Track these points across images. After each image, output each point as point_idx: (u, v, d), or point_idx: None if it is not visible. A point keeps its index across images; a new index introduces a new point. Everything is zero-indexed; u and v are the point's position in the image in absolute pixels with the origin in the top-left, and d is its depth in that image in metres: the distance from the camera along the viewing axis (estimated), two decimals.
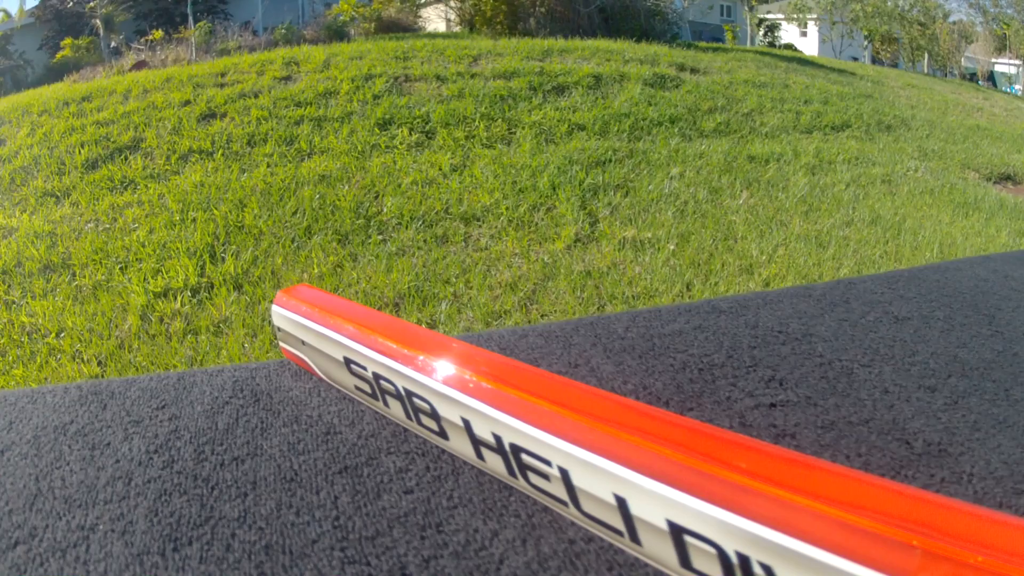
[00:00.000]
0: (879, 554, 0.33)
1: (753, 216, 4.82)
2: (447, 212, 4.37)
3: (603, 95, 7.34)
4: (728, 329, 0.83)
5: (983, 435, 0.65)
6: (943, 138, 9.02)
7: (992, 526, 0.33)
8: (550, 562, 0.43)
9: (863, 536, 0.34)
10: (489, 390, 0.48)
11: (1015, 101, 17.13)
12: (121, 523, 0.48)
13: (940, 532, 0.33)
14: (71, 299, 3.51)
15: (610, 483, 0.41)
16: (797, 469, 0.38)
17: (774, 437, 0.61)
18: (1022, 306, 1.01)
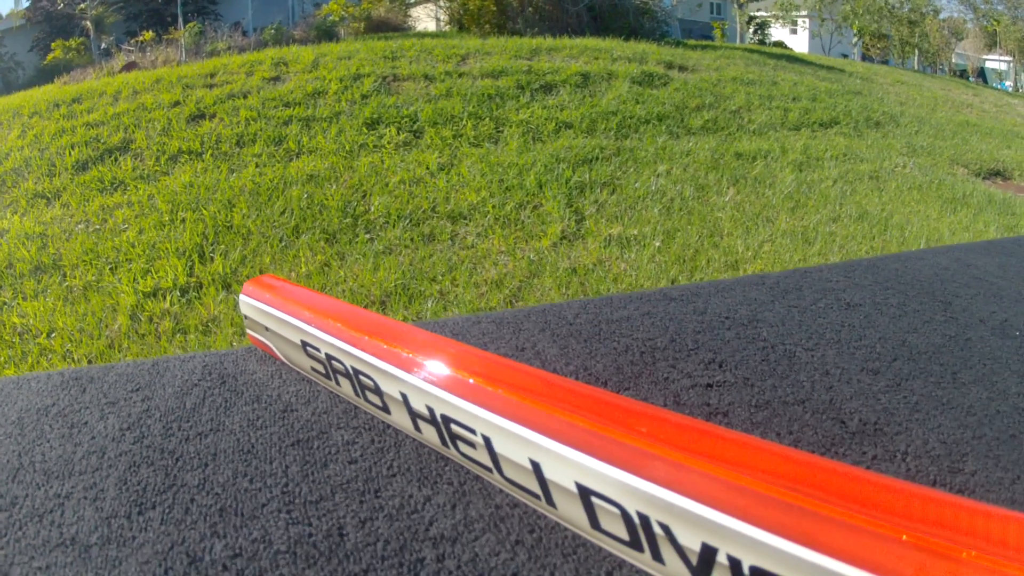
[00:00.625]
0: (766, 513, 0.37)
1: (739, 213, 4.86)
2: (434, 211, 4.41)
3: (591, 93, 7.38)
4: (676, 315, 0.87)
5: (923, 416, 0.69)
6: (932, 134, 9.09)
7: (870, 487, 0.37)
8: (475, 524, 0.48)
9: (752, 497, 0.37)
10: (423, 365, 0.53)
11: (1005, 97, 17.23)
12: (93, 491, 0.53)
13: (825, 492, 0.37)
14: (62, 300, 3.53)
15: (526, 449, 0.45)
16: (693, 434, 0.42)
17: (707, 415, 0.66)
18: (981, 293, 1.05)
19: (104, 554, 0.45)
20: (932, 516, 0.33)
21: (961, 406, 0.72)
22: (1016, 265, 1.26)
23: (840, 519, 0.35)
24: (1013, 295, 1.09)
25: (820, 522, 0.35)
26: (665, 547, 0.40)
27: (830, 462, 0.40)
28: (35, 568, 0.46)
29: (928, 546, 0.31)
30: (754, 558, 0.36)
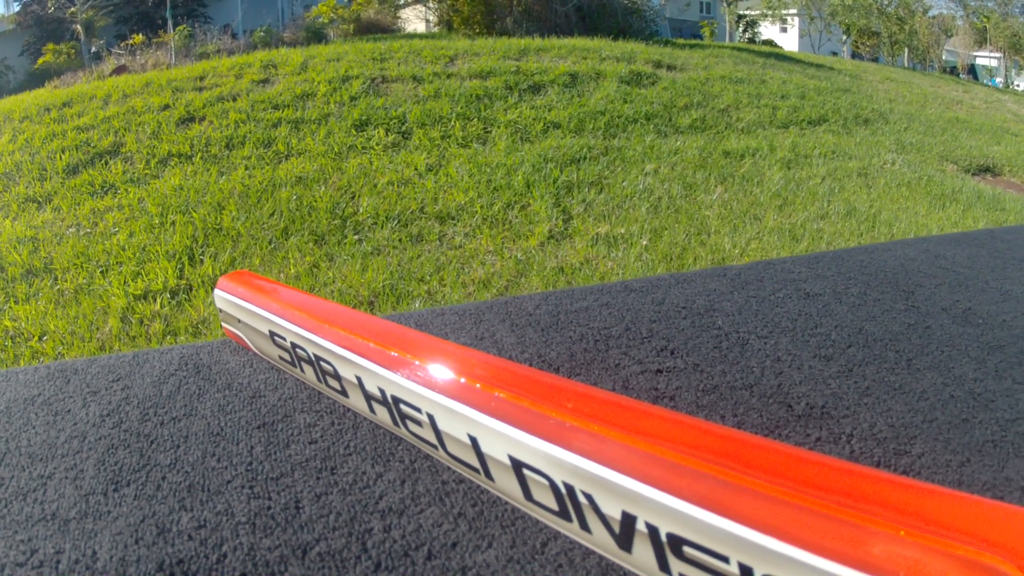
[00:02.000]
0: (681, 482, 0.41)
1: (727, 211, 4.90)
2: (422, 211, 4.45)
3: (579, 93, 7.43)
4: (634, 306, 0.92)
5: (873, 400, 0.73)
6: (921, 131, 9.14)
7: (788, 459, 0.41)
8: (422, 499, 0.53)
9: (667, 467, 0.41)
10: (375, 350, 0.58)
11: (995, 93, 17.31)
12: (73, 472, 0.58)
13: (740, 463, 0.41)
14: (53, 303, 3.56)
15: (465, 425, 0.50)
16: (616, 409, 0.46)
17: (654, 399, 0.70)
18: (946, 283, 1.09)
19: (81, 527, 0.50)
20: (847, 487, 0.37)
21: (914, 391, 0.76)
22: (986, 256, 1.30)
23: (753, 488, 0.38)
24: (979, 285, 1.12)
25: (733, 491, 0.38)
26: (590, 516, 0.44)
27: (749, 435, 0.44)
28: (18, 541, 0.51)
29: (842, 516, 0.35)
30: (670, 525, 0.40)
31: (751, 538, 0.36)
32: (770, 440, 0.44)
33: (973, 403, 0.74)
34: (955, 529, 0.32)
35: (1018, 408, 0.75)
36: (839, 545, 0.33)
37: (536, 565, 0.46)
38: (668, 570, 0.40)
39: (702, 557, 0.38)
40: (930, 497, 0.35)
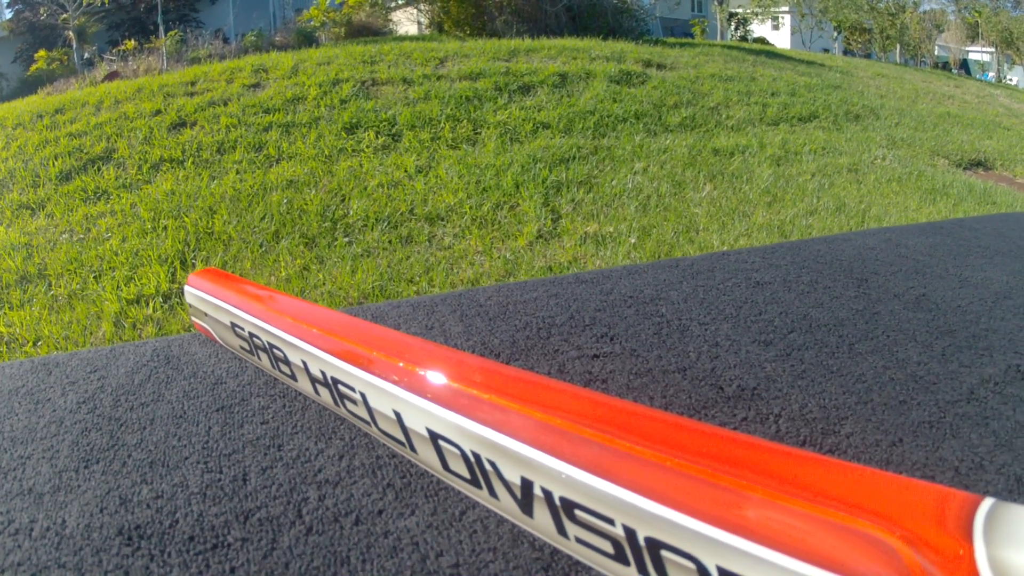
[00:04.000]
0: (570, 448, 0.45)
1: (715, 208, 4.93)
2: (412, 213, 4.50)
3: (568, 93, 7.47)
4: (582, 296, 0.97)
5: (807, 383, 0.78)
6: (912, 126, 9.18)
7: (671, 428, 0.45)
8: (356, 471, 0.59)
9: (558, 434, 0.46)
10: (318, 336, 0.63)
11: (987, 88, 17.36)
12: (50, 452, 0.64)
13: (627, 431, 0.45)
14: (47, 308, 3.60)
15: (390, 401, 0.55)
16: (519, 383, 0.52)
17: (586, 382, 0.75)
18: (903, 271, 1.13)
19: (54, 499, 0.56)
20: (727, 454, 0.41)
21: (852, 374, 0.80)
22: (950, 244, 1.34)
23: (637, 454, 0.43)
24: (938, 272, 1.16)
25: (619, 457, 0.43)
26: (496, 483, 0.49)
27: (639, 406, 0.49)
28: None
29: (718, 481, 0.39)
30: (563, 490, 0.44)
31: (634, 502, 0.40)
32: (658, 410, 0.49)
33: (913, 385, 0.78)
34: (833, 496, 0.35)
35: (961, 390, 0.78)
36: (715, 509, 0.38)
37: (453, 531, 0.51)
38: (565, 533, 0.45)
39: (591, 520, 0.42)
40: (811, 465, 0.39)
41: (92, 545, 0.48)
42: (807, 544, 0.34)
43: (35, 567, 0.47)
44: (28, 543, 0.50)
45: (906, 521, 0.33)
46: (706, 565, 0.38)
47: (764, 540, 0.36)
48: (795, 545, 0.35)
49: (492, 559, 0.47)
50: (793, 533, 0.35)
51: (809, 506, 0.36)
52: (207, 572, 0.46)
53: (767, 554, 0.36)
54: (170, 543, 0.47)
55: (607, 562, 0.43)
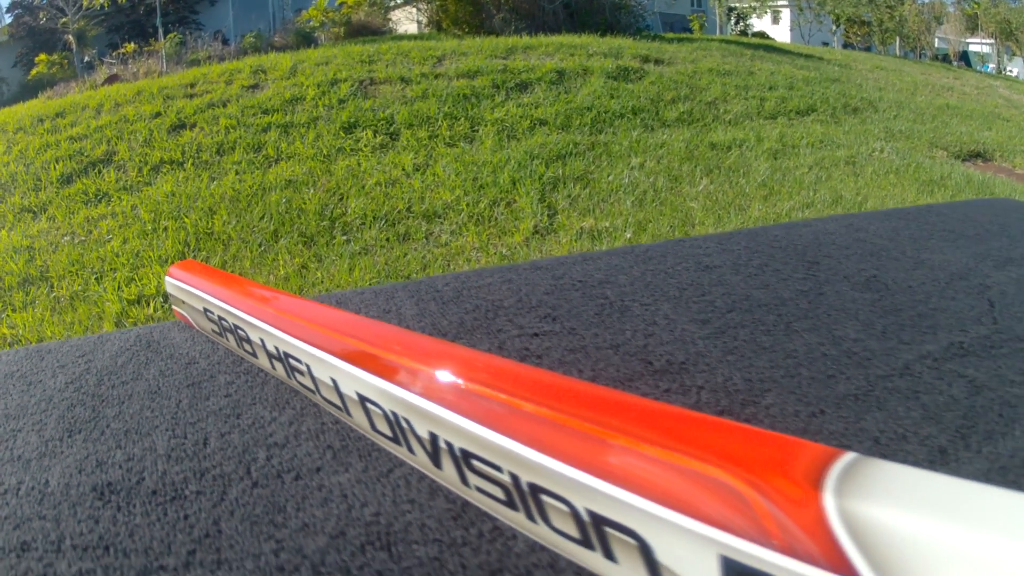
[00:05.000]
0: (466, 405, 0.50)
1: (712, 202, 4.96)
2: (409, 211, 4.54)
3: (566, 90, 7.50)
4: (533, 281, 1.01)
5: (737, 357, 0.81)
6: (911, 118, 9.19)
7: (556, 387, 0.50)
8: (302, 436, 0.65)
9: (457, 392, 0.51)
10: (273, 315, 0.70)
11: (987, 79, 17.35)
12: (39, 425, 0.70)
13: (509, 387, 0.50)
14: (49, 310, 3.65)
15: (329, 370, 0.62)
16: (432, 351, 0.58)
17: (522, 357, 0.80)
18: (857, 254, 1.16)
19: (40, 464, 0.63)
20: (594, 407, 0.45)
21: (784, 350, 0.84)
22: (913, 228, 1.37)
23: (517, 407, 0.48)
24: (894, 255, 1.19)
25: (503, 409, 0.48)
26: (411, 439, 0.55)
27: (529, 367, 0.54)
28: None
29: (587, 431, 0.43)
30: (461, 441, 0.50)
31: (516, 450, 0.45)
32: (542, 370, 0.54)
33: (846, 361, 0.81)
34: (690, 445, 0.39)
35: (895, 365, 0.82)
36: (583, 455, 0.42)
37: (379, 486, 0.58)
38: (466, 482, 0.50)
39: (485, 468, 0.47)
40: (673, 417, 0.43)
41: (69, 500, 0.55)
42: (664, 488, 0.38)
43: (19, 520, 0.54)
44: (15, 501, 0.57)
45: (757, 469, 0.37)
46: (577, 507, 0.42)
47: (626, 484, 0.40)
48: (653, 489, 0.39)
49: (410, 509, 0.53)
50: (652, 478, 0.39)
51: (667, 453, 0.39)
52: (164, 518, 0.52)
53: (629, 497, 0.40)
54: (136, 496, 0.54)
55: (500, 507, 0.48)
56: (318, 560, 0.50)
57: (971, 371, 0.84)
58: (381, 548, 0.51)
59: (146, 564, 0.51)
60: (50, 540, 0.54)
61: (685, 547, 0.38)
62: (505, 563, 0.48)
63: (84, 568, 0.51)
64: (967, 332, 0.94)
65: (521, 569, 0.48)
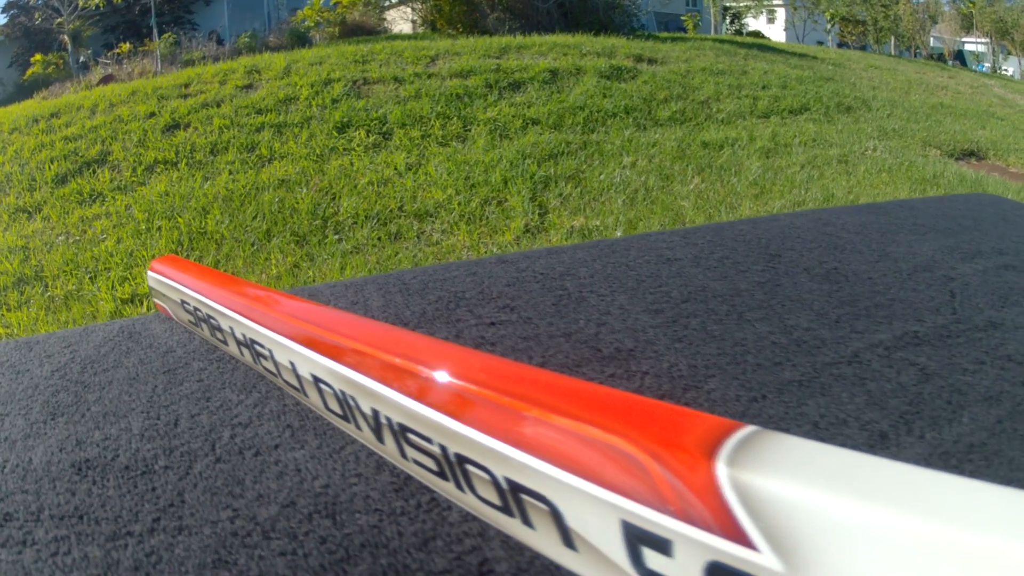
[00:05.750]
0: (402, 382, 0.55)
1: (703, 201, 4.99)
2: (401, 210, 4.57)
3: (559, 89, 7.53)
4: (496, 274, 1.05)
5: (685, 345, 0.85)
6: (904, 117, 9.22)
7: (468, 361, 0.55)
8: (265, 416, 0.71)
9: (396, 370, 0.56)
10: (240, 304, 0.75)
11: (981, 78, 17.38)
12: (25, 410, 0.76)
13: (438, 363, 0.55)
14: (44, 309, 3.68)
15: (287, 353, 0.67)
16: (373, 332, 0.63)
17: (477, 345, 0.85)
18: (821, 247, 1.19)
19: (24, 444, 0.68)
20: (512, 381, 0.50)
21: (733, 338, 0.87)
22: (883, 223, 1.40)
23: (445, 382, 0.52)
24: (858, 248, 1.22)
25: (432, 385, 0.53)
26: (358, 416, 0.60)
27: (459, 347, 0.59)
28: None
29: (504, 404, 0.48)
30: (399, 416, 0.55)
31: (444, 422, 0.50)
32: (469, 348, 0.59)
33: (795, 349, 0.85)
34: (597, 417, 0.43)
35: (844, 353, 0.85)
36: (500, 426, 0.46)
37: (330, 461, 0.63)
38: (405, 455, 0.55)
39: (419, 441, 0.52)
40: (583, 391, 0.47)
41: (50, 476, 0.60)
42: (572, 457, 0.42)
43: (3, 494, 0.60)
44: (0, 478, 0.62)
45: (657, 439, 0.39)
46: (497, 476, 0.46)
47: (538, 453, 0.43)
48: (563, 458, 0.42)
49: (356, 482, 0.58)
50: (561, 447, 0.42)
51: (576, 424, 0.43)
52: (134, 490, 0.58)
53: (541, 465, 0.43)
54: (110, 471, 0.60)
55: (434, 478, 0.52)
56: (269, 527, 0.55)
57: (923, 359, 0.86)
58: (326, 516, 0.56)
59: (115, 530, 0.56)
60: (30, 511, 0.59)
61: (591, 512, 0.41)
62: (438, 531, 0.53)
63: (59, 535, 0.56)
64: (924, 322, 0.96)
65: (452, 537, 0.53)
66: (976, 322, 0.96)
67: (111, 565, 0.52)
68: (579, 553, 0.44)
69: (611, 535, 0.41)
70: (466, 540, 0.53)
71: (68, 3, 14.29)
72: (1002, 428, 0.74)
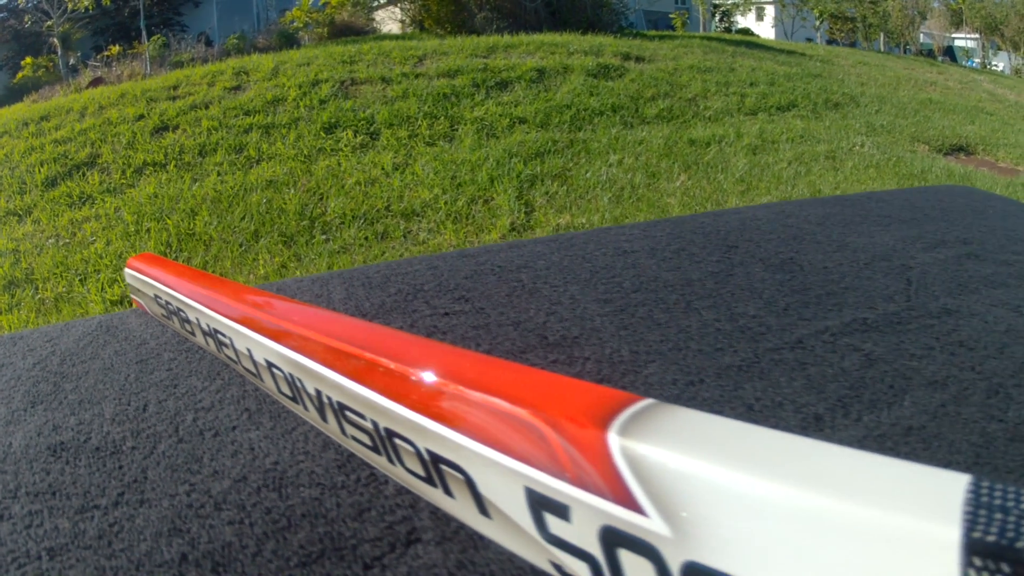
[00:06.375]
0: (340, 363, 0.60)
1: (689, 198, 5.03)
2: (388, 210, 4.61)
3: (546, 88, 7.57)
4: (456, 267, 1.10)
5: (629, 332, 0.89)
6: (893, 113, 9.23)
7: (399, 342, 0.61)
8: (226, 400, 0.78)
9: (334, 353, 0.62)
10: (205, 296, 0.80)
11: (971, 74, 17.36)
12: (7, 399, 0.82)
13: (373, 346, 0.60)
14: (35, 311, 3.72)
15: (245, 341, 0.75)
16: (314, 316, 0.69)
17: (430, 333, 0.90)
18: (779, 238, 1.22)
19: (5, 430, 0.75)
20: (433, 360, 0.55)
21: (678, 326, 0.91)
22: (844, 214, 1.43)
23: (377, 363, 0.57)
24: (817, 238, 1.25)
25: (367, 365, 0.58)
26: (304, 397, 0.67)
27: (391, 330, 0.65)
28: None
29: (422, 378, 0.52)
30: (338, 395, 0.60)
31: (375, 399, 0.55)
32: (402, 332, 0.64)
33: (739, 336, 0.88)
34: (507, 391, 0.47)
35: (787, 339, 0.89)
36: (422, 401, 0.51)
37: (282, 441, 0.69)
38: (344, 432, 0.60)
39: (355, 418, 0.58)
40: (496, 367, 0.52)
41: (28, 458, 0.66)
42: (483, 428, 0.45)
43: None
44: None
45: (557, 411, 0.42)
46: (420, 448, 0.51)
47: (454, 425, 0.47)
48: (475, 429, 0.46)
49: (303, 459, 0.63)
50: (474, 420, 0.46)
51: (487, 398, 0.46)
52: (103, 468, 0.63)
53: (456, 436, 0.47)
54: (82, 453, 0.65)
55: (369, 453, 0.57)
56: (221, 499, 0.61)
57: (869, 345, 0.89)
58: (273, 490, 0.62)
59: (83, 504, 0.61)
60: (8, 489, 0.65)
61: (499, 480, 0.46)
62: (373, 503, 0.59)
63: (34, 509, 0.61)
64: (875, 309, 0.98)
65: (385, 508, 0.58)
66: (930, 309, 0.98)
67: (78, 535, 0.57)
68: (493, 520, 0.48)
69: (517, 501, 0.45)
70: (398, 511, 0.59)
71: (58, 6, 14.24)
72: (945, 412, 0.75)
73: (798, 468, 0.35)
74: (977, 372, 0.84)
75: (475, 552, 0.54)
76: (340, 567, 0.54)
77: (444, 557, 0.54)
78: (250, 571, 0.53)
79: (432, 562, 0.54)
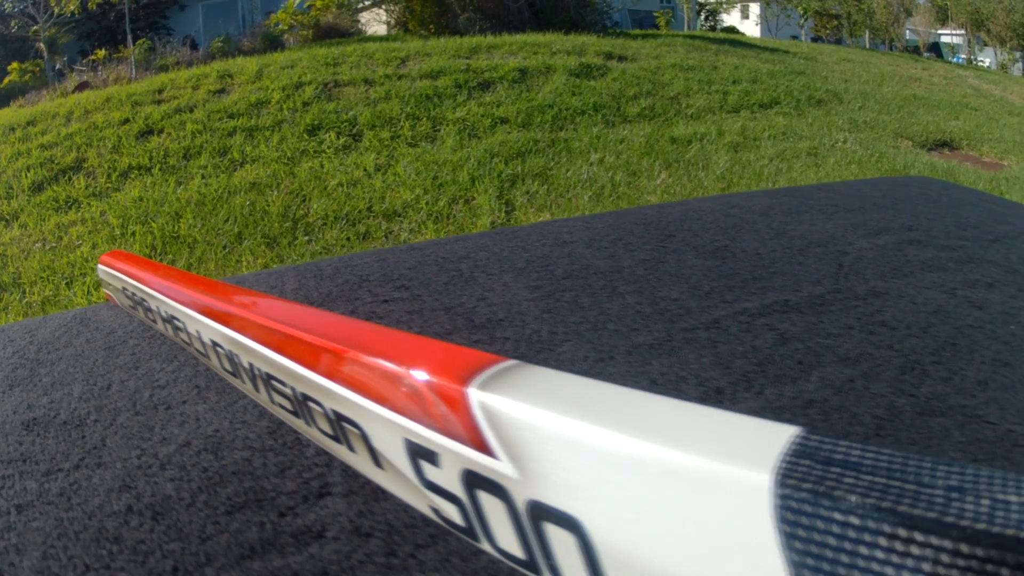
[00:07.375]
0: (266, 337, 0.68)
1: (669, 195, 5.09)
2: (370, 210, 4.68)
3: (528, 88, 7.63)
4: (403, 260, 1.19)
5: (551, 316, 0.98)
6: (876, 109, 9.29)
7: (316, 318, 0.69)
8: (180, 379, 0.89)
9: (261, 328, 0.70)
10: (164, 287, 0.88)
11: (956, 70, 17.44)
12: None
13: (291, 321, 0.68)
14: (22, 315, 3.76)
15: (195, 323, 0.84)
16: (251, 299, 0.78)
17: (368, 317, 0.99)
18: (718, 228, 1.30)
19: None
20: (338, 331, 0.63)
21: (599, 309, 0.99)
22: (790, 204, 1.51)
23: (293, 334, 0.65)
24: (757, 228, 1.33)
25: (286, 338, 0.66)
26: (240, 371, 0.75)
27: (310, 308, 0.74)
28: None
29: (328, 347, 0.60)
30: (264, 366, 0.69)
31: (292, 367, 0.64)
32: (316, 308, 0.73)
33: (657, 317, 0.96)
34: (396, 355, 0.55)
35: (704, 320, 0.96)
36: (328, 367, 0.59)
37: (224, 412, 0.78)
38: (273, 400, 0.69)
39: (279, 386, 0.66)
40: (390, 337, 0.60)
41: (3, 432, 0.75)
42: (374, 388, 0.52)
43: None
44: None
45: (434, 370, 0.49)
46: (327, 408, 0.59)
47: (351, 386, 0.55)
48: (367, 389, 0.53)
49: (240, 427, 0.72)
50: (367, 381, 0.53)
51: (377, 361, 0.54)
52: (68, 439, 0.71)
53: (353, 396, 0.54)
54: (51, 426, 0.74)
55: (291, 418, 0.66)
56: (166, 461, 0.70)
57: (785, 325, 0.95)
58: (211, 453, 0.71)
59: (49, 468, 0.70)
60: None
61: (385, 432, 0.53)
62: (295, 462, 0.68)
63: (6, 474, 0.70)
64: (799, 292, 1.04)
65: (304, 466, 0.68)
66: (857, 292, 1.04)
67: (43, 493, 0.66)
68: (385, 471, 0.56)
69: (400, 451, 0.52)
70: (315, 469, 0.68)
71: (44, 10, 14.23)
72: (852, 387, 0.81)
73: (633, 419, 0.38)
74: (895, 350, 0.89)
75: (375, 503, 0.63)
76: (259, 515, 0.63)
77: (348, 507, 0.63)
78: (183, 518, 0.62)
79: (338, 511, 0.63)
